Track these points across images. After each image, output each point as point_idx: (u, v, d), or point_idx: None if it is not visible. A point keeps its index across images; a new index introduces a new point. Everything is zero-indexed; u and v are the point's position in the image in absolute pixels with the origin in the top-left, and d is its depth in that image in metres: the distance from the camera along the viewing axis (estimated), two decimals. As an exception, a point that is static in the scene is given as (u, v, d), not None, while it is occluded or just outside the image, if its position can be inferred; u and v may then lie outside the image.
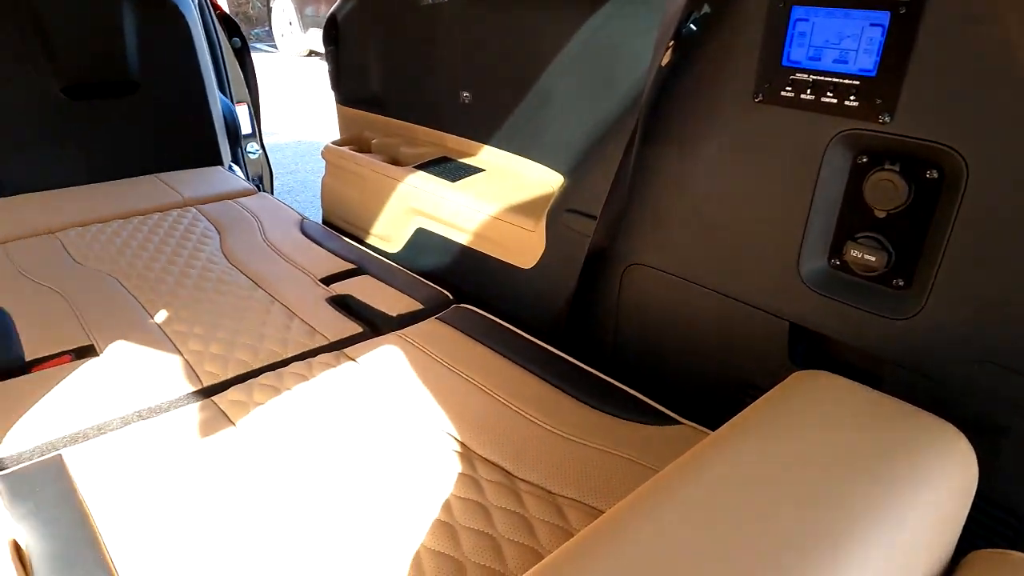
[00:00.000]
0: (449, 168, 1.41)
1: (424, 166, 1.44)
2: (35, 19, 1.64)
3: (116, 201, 1.63)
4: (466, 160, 1.45)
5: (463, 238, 1.35)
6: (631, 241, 1.03)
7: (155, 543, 0.72)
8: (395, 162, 1.54)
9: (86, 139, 1.79)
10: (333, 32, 1.71)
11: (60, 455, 0.83)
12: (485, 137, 1.42)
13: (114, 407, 0.93)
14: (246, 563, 0.69)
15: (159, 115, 1.89)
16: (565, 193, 1.18)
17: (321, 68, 7.92)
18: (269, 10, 8.15)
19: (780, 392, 0.67)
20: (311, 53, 8.20)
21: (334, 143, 1.69)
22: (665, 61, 0.89)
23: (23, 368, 1.01)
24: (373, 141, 1.62)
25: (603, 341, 1.13)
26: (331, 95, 1.87)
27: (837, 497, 0.51)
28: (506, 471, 0.83)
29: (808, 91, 0.77)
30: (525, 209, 1.25)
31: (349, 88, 1.76)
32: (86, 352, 1.06)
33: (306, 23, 7.94)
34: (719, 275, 0.92)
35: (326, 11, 7.52)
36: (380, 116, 1.66)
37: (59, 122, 1.73)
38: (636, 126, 0.93)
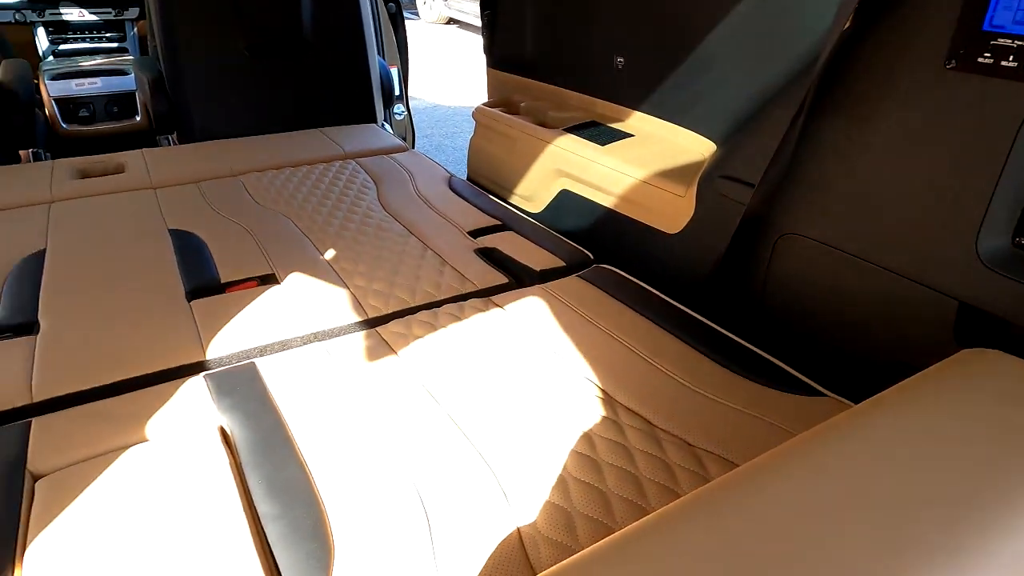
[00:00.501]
0: (598, 132, 1.44)
1: (573, 129, 1.48)
2: None
3: (287, 151, 1.80)
4: (615, 125, 1.47)
5: (608, 201, 1.38)
6: (788, 210, 1.01)
7: (333, 440, 0.82)
8: (543, 125, 1.58)
9: (264, 94, 1.98)
10: (489, -3, 1.78)
11: (254, 363, 0.96)
12: (636, 102, 1.43)
13: (294, 327, 1.05)
14: (401, 469, 0.77)
15: (325, 74, 2.04)
16: (720, 159, 1.17)
17: (458, 36, 8.11)
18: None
19: (942, 368, 0.65)
20: (450, 21, 8.40)
21: (485, 104, 1.76)
22: (847, 25, 0.86)
23: (220, 288, 1.16)
24: (522, 104, 1.67)
25: (748, 309, 1.13)
26: (466, 62, 1.93)
27: (993, 472, 0.49)
28: (647, 420, 0.86)
29: (1011, 58, 0.72)
30: (674, 175, 1.26)
31: (502, 52, 1.82)
32: (269, 279, 1.20)
33: (448, -9, 8.11)
34: (884, 249, 0.89)
35: (468, -21, 7.64)
36: (530, 80, 1.71)
37: (243, 77, 1.93)
38: (807, 94, 0.91)
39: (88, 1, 2.85)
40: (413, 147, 2.51)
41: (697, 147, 1.30)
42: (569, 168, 1.46)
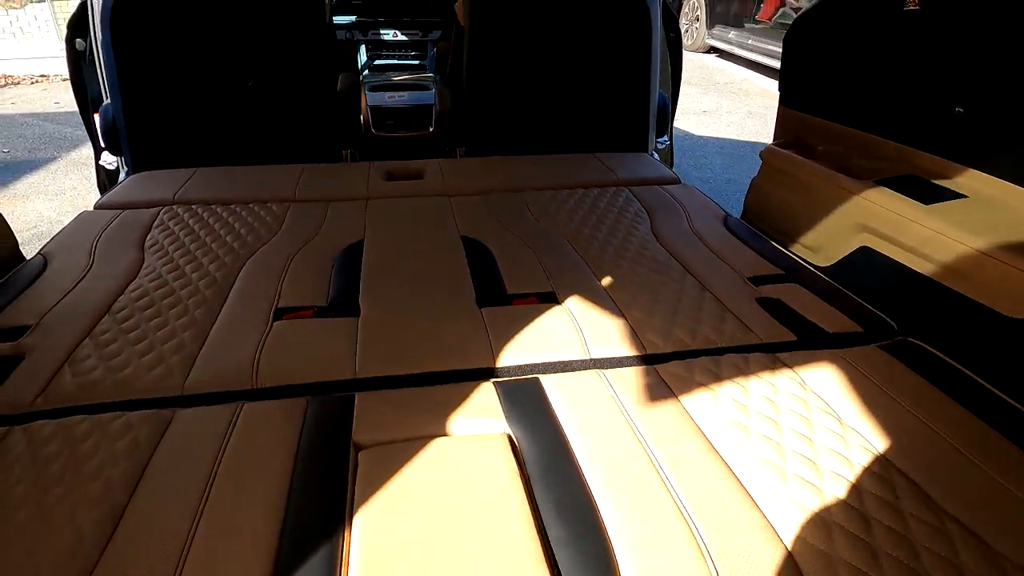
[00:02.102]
0: (919, 189, 1.28)
1: (887, 182, 1.33)
2: (531, 16, 1.96)
3: (564, 172, 1.87)
4: (940, 182, 1.30)
5: (926, 268, 1.21)
6: None
7: (615, 470, 0.81)
8: (846, 173, 1.45)
9: (546, 115, 2.09)
10: (797, 33, 1.68)
11: (538, 379, 1.00)
12: (975, 159, 1.24)
13: (575, 349, 1.07)
14: (683, 515, 0.74)
15: (605, 99, 2.09)
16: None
17: (716, 66, 7.90)
18: (679, 4, 8.38)
19: None
20: (710, 50, 8.23)
21: (775, 145, 1.67)
22: None
23: (506, 298, 1.24)
24: (820, 148, 1.56)
25: None
26: (720, 94, 1.84)
27: None
28: (968, 527, 0.73)
29: None
30: (1024, 249, 1.07)
31: (800, 89, 1.71)
32: (549, 298, 1.24)
33: (713, 20, 7.97)
34: None
35: (736, 9, 7.44)
36: (832, 123, 1.58)
37: (529, 99, 2.06)
38: None
39: (402, 24, 3.26)
40: None
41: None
42: (877, 224, 1.32)
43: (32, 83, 7.51)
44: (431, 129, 2.64)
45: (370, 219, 1.55)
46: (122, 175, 1.99)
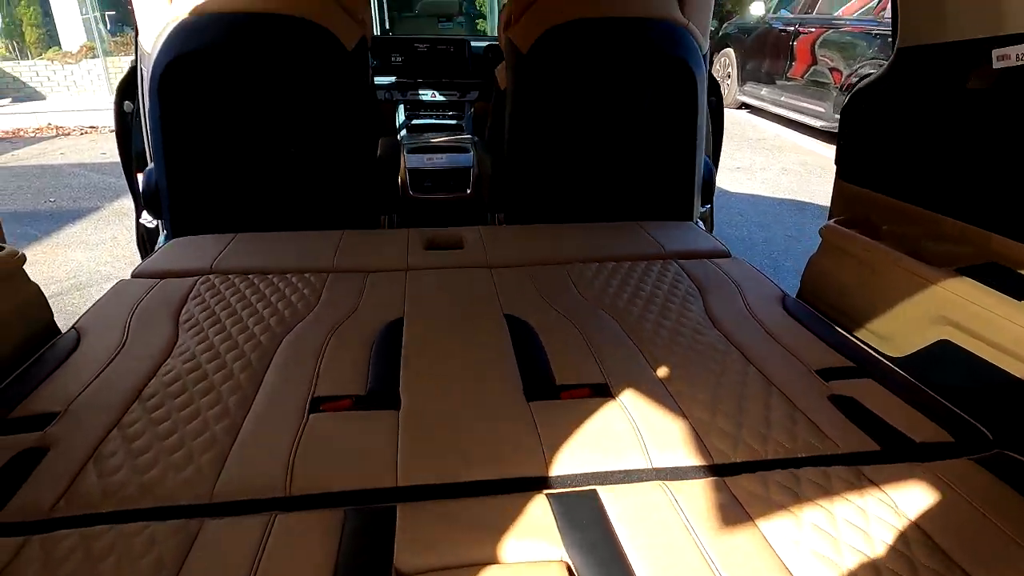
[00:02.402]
0: (1008, 280, 1.18)
1: (970, 271, 1.23)
2: (581, 83, 1.93)
3: (609, 243, 1.81)
4: None
5: (1022, 370, 1.11)
6: None
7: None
8: (917, 257, 1.36)
9: (591, 183, 2.04)
10: (857, 104, 1.61)
11: (595, 490, 0.91)
12: None
13: (635, 456, 0.98)
14: None
15: (650, 166, 2.04)
16: None
17: (748, 122, 7.90)
18: (711, 61, 8.45)
19: None
20: (742, 106, 8.25)
21: (836, 222, 1.58)
22: None
23: (555, 390, 1.15)
24: (884, 228, 1.47)
25: None
26: (753, 150, 1.76)
27: None
28: None
29: None
30: None
31: (860, 163, 1.63)
32: (602, 390, 1.16)
33: (745, 76, 8.01)
34: None
35: (768, 67, 7.46)
36: (896, 200, 1.50)
37: (573, 165, 2.01)
38: None
39: (440, 85, 3.29)
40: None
41: None
42: (963, 319, 1.21)
43: (82, 134, 7.80)
44: (468, 191, 2.62)
45: (410, 293, 1.50)
46: (161, 238, 1.98)
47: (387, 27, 5.02)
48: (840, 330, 1.36)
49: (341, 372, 1.18)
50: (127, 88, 2.09)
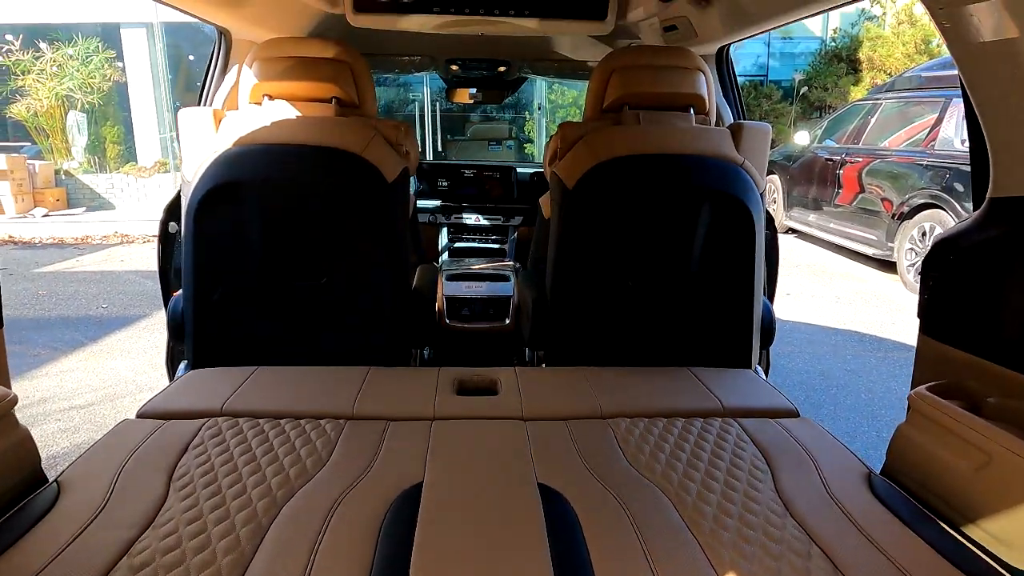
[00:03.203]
0: None
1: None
2: (629, 220, 1.83)
3: (659, 393, 1.63)
4: None
5: None
6: None
7: None
8: (1027, 435, 1.14)
9: (637, 325, 1.89)
10: (944, 254, 1.44)
11: None
12: None
13: None
14: None
15: (703, 307, 1.89)
16: None
17: (796, 248, 7.79)
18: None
19: None
20: (789, 231, 8.17)
21: (928, 389, 1.37)
22: None
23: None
24: (990, 400, 1.25)
25: None
26: (801, 277, 1.58)
27: None
28: None
29: None
30: None
31: (951, 320, 1.44)
32: None
33: (791, 202, 7.98)
34: None
35: (815, 193, 7.43)
36: (1001, 368, 1.29)
37: (622, 307, 1.87)
38: None
39: (485, 209, 3.27)
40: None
41: None
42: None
43: (144, 242, 8.17)
44: (507, 322, 2.49)
45: (433, 450, 1.33)
46: (182, 366, 1.89)
47: (440, 149, 5.18)
48: (947, 527, 1.12)
49: (344, 554, 1.00)
50: (173, 209, 2.09)
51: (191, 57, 12.02)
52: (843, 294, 5.91)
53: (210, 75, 2.24)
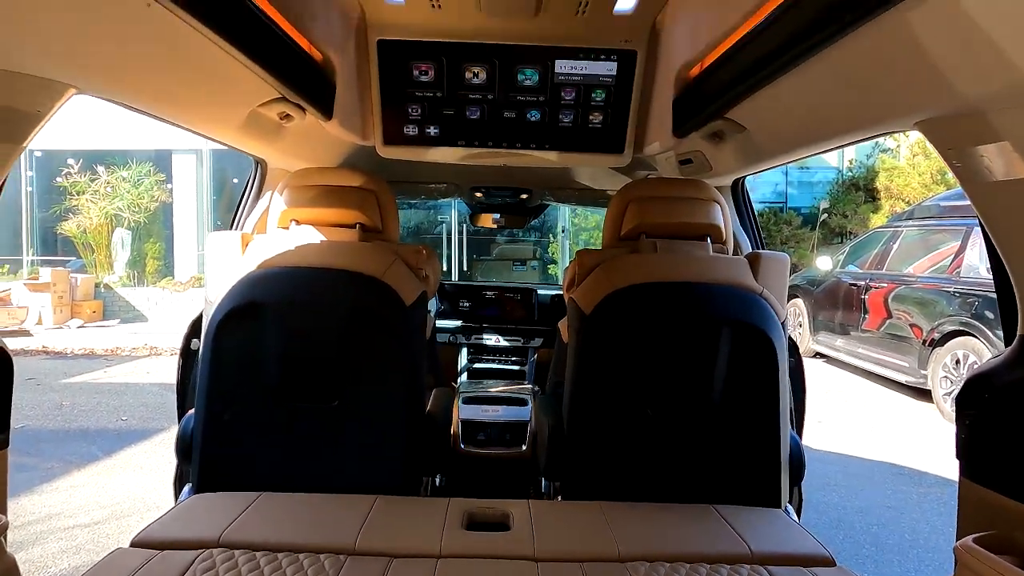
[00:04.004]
0: None
1: None
2: (647, 348, 1.80)
3: (682, 535, 1.52)
4: None
5: None
6: None
7: None
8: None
9: (659, 457, 1.81)
10: (978, 392, 1.38)
11: None
12: None
13: None
14: None
15: (729, 440, 1.81)
16: None
17: (824, 373, 7.60)
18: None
19: None
20: (816, 355, 8.02)
21: (976, 541, 1.26)
22: None
23: None
24: None
25: None
26: (831, 404, 1.47)
27: None
28: None
29: None
30: None
31: (994, 464, 1.35)
32: None
33: (817, 326, 7.89)
34: None
35: (841, 318, 7.35)
36: None
37: (642, 438, 1.80)
38: None
39: (505, 331, 3.28)
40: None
41: None
42: None
43: (171, 355, 8.29)
44: (524, 448, 2.41)
45: None
46: (186, 490, 1.84)
47: (465, 269, 5.31)
48: None
49: None
50: (196, 327, 2.12)
51: (235, 180, 12.79)
52: (877, 422, 5.69)
53: (244, 201, 2.35)
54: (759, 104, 1.43)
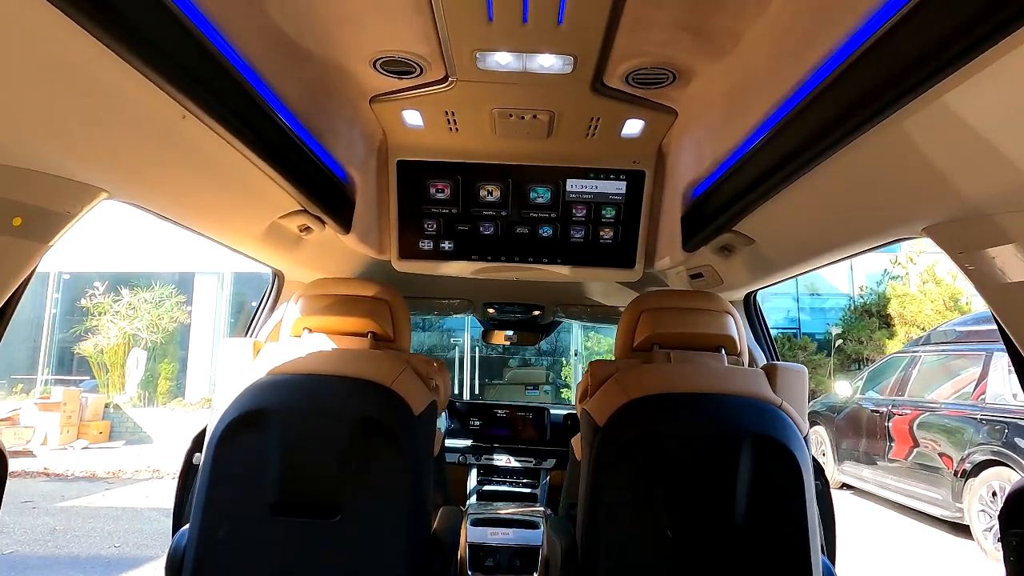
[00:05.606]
0: None
1: None
2: (664, 462, 1.72)
3: None
4: None
5: None
6: None
7: None
8: None
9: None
10: (1022, 507, 1.30)
11: None
12: None
13: None
14: None
15: (754, 563, 1.67)
16: None
17: (852, 505, 7.20)
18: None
19: None
20: (843, 486, 7.62)
21: None
22: None
23: None
24: None
25: None
26: (863, 542, 1.35)
27: None
28: None
29: None
30: None
31: None
32: None
33: (841, 456, 7.57)
34: None
35: (866, 447, 7.06)
36: None
37: (664, 561, 1.68)
38: None
39: (516, 451, 3.17)
40: None
41: None
42: None
43: (174, 478, 8.05)
44: (535, 575, 2.26)
45: None
46: None
47: (476, 392, 5.23)
48: None
49: None
50: (199, 440, 2.08)
51: (253, 303, 13.09)
52: (915, 561, 5.30)
53: (260, 311, 2.39)
54: (766, 215, 1.47)
